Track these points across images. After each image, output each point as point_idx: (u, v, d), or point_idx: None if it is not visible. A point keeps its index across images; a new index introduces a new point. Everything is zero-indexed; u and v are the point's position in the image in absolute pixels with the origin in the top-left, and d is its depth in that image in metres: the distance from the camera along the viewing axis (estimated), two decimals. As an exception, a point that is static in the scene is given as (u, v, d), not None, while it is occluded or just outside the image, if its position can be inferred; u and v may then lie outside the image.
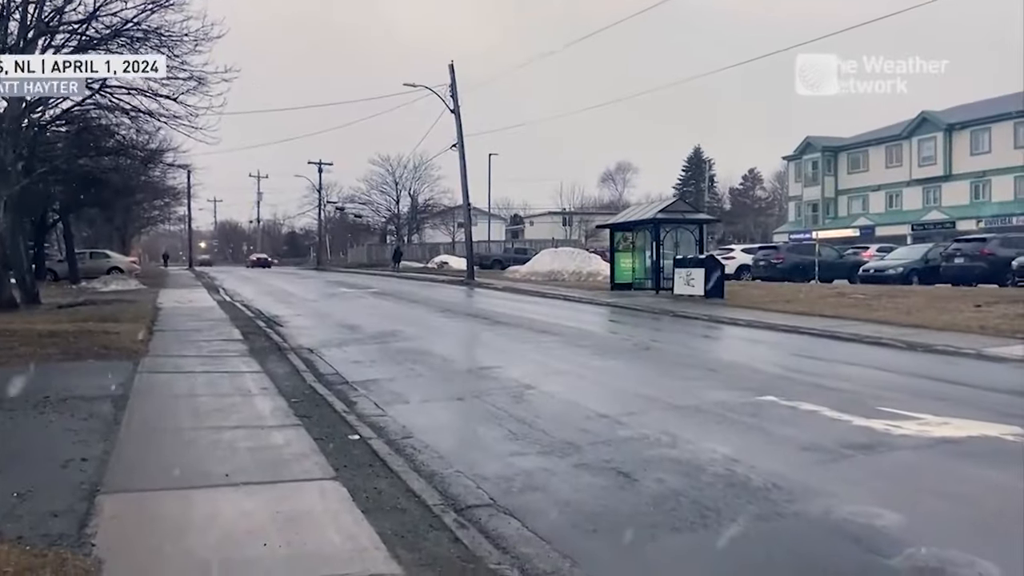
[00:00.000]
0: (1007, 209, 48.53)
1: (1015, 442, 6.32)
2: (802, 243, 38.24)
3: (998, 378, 9.51)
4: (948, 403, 7.93)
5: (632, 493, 5.34)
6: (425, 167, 72.67)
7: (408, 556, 4.09)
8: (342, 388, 9.32)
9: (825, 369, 10.54)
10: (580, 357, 11.87)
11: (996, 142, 50.36)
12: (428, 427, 7.39)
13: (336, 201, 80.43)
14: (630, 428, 7.09)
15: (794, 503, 5.03)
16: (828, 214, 61.96)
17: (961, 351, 11.35)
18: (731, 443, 6.49)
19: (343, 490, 5.18)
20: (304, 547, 4.19)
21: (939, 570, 3.98)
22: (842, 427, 6.94)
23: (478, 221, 60.32)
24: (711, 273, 21.57)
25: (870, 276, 27.10)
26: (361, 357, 11.94)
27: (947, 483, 5.43)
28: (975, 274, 23.94)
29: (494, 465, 6.05)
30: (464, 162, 36.42)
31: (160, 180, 42.89)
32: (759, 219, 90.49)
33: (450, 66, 35.83)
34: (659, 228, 24.43)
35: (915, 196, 55.85)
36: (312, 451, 6.17)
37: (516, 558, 4.23)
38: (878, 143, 58.84)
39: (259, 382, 9.36)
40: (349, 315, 19.26)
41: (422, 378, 10.16)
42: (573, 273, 33.54)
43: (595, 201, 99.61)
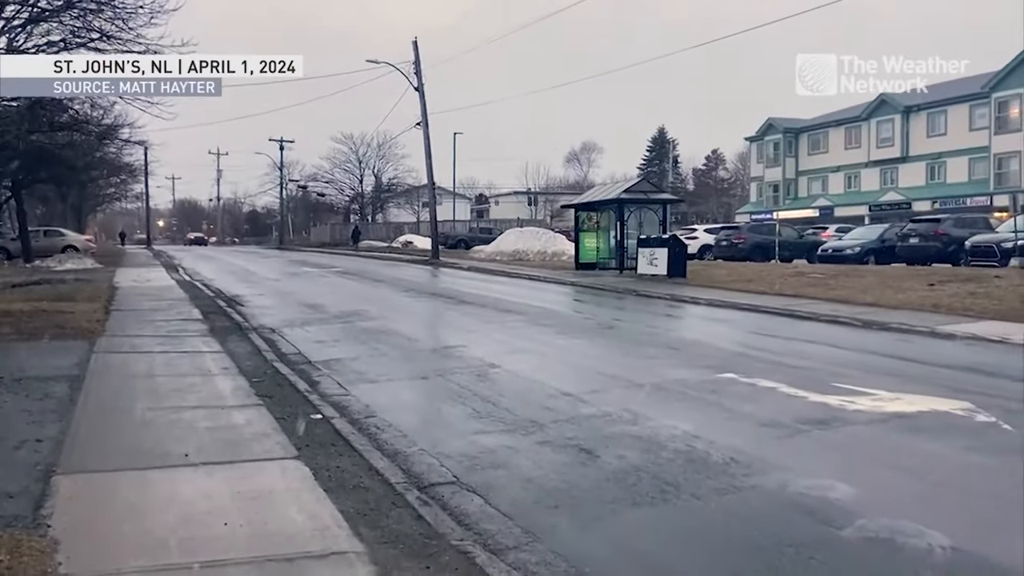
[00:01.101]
0: (961, 190, 49.69)
1: (964, 416, 6.51)
2: (763, 223, 38.74)
3: (949, 355, 9.77)
4: (901, 379, 8.14)
5: (594, 469, 5.40)
6: (389, 145, 72.00)
7: (370, 534, 4.10)
8: (305, 368, 9.26)
9: (784, 347, 10.73)
10: (544, 336, 11.93)
11: (952, 124, 51.41)
12: (392, 406, 7.38)
13: (298, 179, 79.30)
14: (593, 406, 7.15)
15: (751, 477, 5.14)
16: (789, 195, 62.83)
17: (914, 329, 11.63)
18: (691, 420, 6.59)
19: (305, 469, 5.16)
20: (265, 526, 4.18)
21: (889, 540, 4.11)
22: (799, 403, 7.09)
23: (443, 200, 60.18)
24: (674, 253, 21.74)
25: (828, 256, 27.58)
26: (324, 336, 11.86)
27: (898, 456, 5.58)
28: (929, 254, 24.46)
29: (458, 443, 6.07)
30: (428, 141, 36.15)
31: (116, 157, 41.87)
32: (722, 199, 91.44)
33: (414, 43, 35.44)
34: (623, 208, 24.54)
35: (873, 177, 56.85)
36: (274, 430, 6.13)
37: (479, 534, 4.27)
38: (838, 125, 59.67)
39: (219, 362, 9.25)
40: (312, 294, 19.08)
41: (386, 357, 10.13)
42: (538, 253, 33.58)
43: (560, 181, 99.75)
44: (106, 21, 16.97)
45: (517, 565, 3.84)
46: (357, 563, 3.75)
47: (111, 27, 17.03)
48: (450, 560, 3.80)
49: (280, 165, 71.78)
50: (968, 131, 49.95)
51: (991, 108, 47.80)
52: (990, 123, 47.96)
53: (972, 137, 49.51)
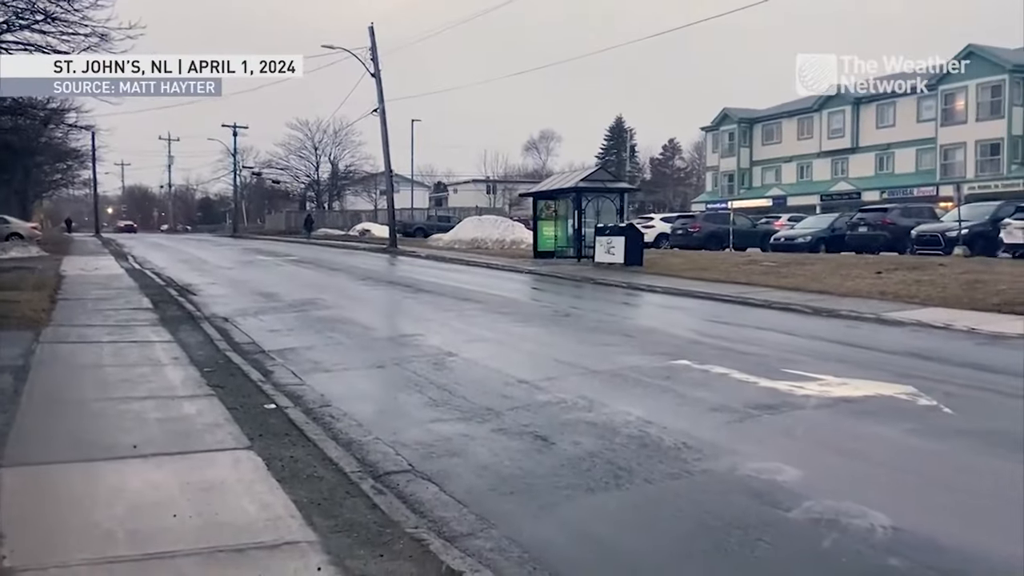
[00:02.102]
0: (908, 181, 50.96)
1: (907, 400, 6.71)
2: (718, 212, 39.26)
3: (895, 341, 10.05)
4: (848, 365, 8.35)
5: (549, 456, 5.44)
6: (346, 132, 71.21)
7: (324, 523, 4.08)
8: (258, 357, 9.14)
9: (736, 334, 10.91)
10: (502, 324, 11.96)
11: (900, 116, 52.62)
12: (347, 395, 7.34)
13: (253, 166, 77.97)
14: (549, 393, 7.20)
15: (703, 461, 5.23)
16: (743, 184, 63.77)
17: (862, 316, 11.93)
18: (645, 406, 6.68)
19: (258, 459, 5.11)
20: (216, 517, 4.13)
21: (833, 521, 4.22)
22: (750, 389, 7.23)
23: (401, 188, 59.63)
24: (631, 241, 21.94)
25: (781, 244, 28.11)
26: (279, 326, 11.72)
27: (844, 440, 5.73)
28: (878, 242, 25.09)
29: (413, 432, 6.06)
30: (386, 128, 35.81)
31: (62, 141, 40.79)
32: (678, 188, 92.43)
33: (370, 28, 35.01)
34: (581, 197, 24.65)
35: (824, 167, 57.98)
36: (226, 421, 6.05)
37: (433, 522, 4.28)
38: (791, 116, 60.66)
39: (170, 352, 9.08)
40: (266, 283, 18.82)
41: (342, 346, 10.05)
42: (497, 241, 33.59)
43: (519, 169, 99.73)
44: (51, 2, 16.47)
45: (471, 552, 3.87)
46: (310, 552, 3.73)
47: (56, 8, 16.56)
48: (404, 548, 3.81)
49: (234, 151, 70.47)
50: (915, 123, 51.18)
51: (937, 101, 49.02)
52: (936, 115, 49.21)
53: (919, 129, 50.76)
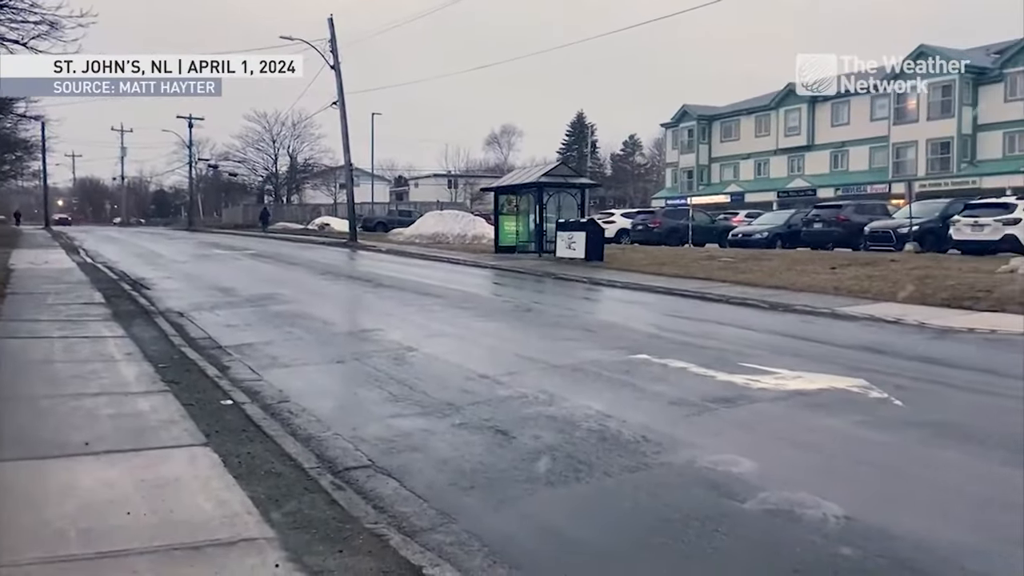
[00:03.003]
0: (862, 178, 52.10)
1: (859, 393, 6.86)
2: (678, 208, 39.65)
3: (848, 335, 10.26)
4: (803, 358, 8.51)
5: (509, 450, 5.46)
6: (304, 125, 70.41)
7: (282, 520, 4.04)
8: (215, 353, 9.00)
9: (695, 328, 11.05)
10: (463, 319, 11.94)
11: (854, 115, 53.73)
12: (306, 391, 7.26)
13: (209, 159, 76.68)
14: (509, 388, 7.22)
15: (661, 454, 5.29)
16: (702, 181, 64.53)
17: (817, 310, 12.17)
18: (605, 400, 6.73)
19: (214, 456, 5.03)
20: (171, 515, 4.06)
21: (788, 511, 4.30)
22: (708, 382, 7.32)
23: (361, 182, 59.15)
24: (592, 237, 22.08)
25: (738, 240, 28.51)
26: (236, 321, 11.55)
27: (798, 432, 5.85)
28: (832, 238, 25.58)
29: (373, 427, 6.03)
30: (345, 121, 35.48)
31: (11, 132, 39.56)
32: (639, 184, 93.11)
33: (329, 20, 34.65)
34: (543, 192, 24.70)
35: (781, 164, 58.96)
36: (181, 417, 5.95)
37: (393, 517, 4.26)
38: (748, 113, 61.56)
39: (123, 347, 8.90)
40: (223, 277, 18.52)
41: (301, 341, 9.94)
42: (458, 236, 33.50)
43: (480, 164, 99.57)
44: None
45: (431, 546, 3.86)
46: (268, 549, 3.69)
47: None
48: (364, 543, 3.79)
49: (189, 143, 69.08)
50: (869, 121, 52.32)
51: (890, 100, 50.11)
52: (889, 114, 50.34)
53: (873, 127, 51.91)
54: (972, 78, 46.62)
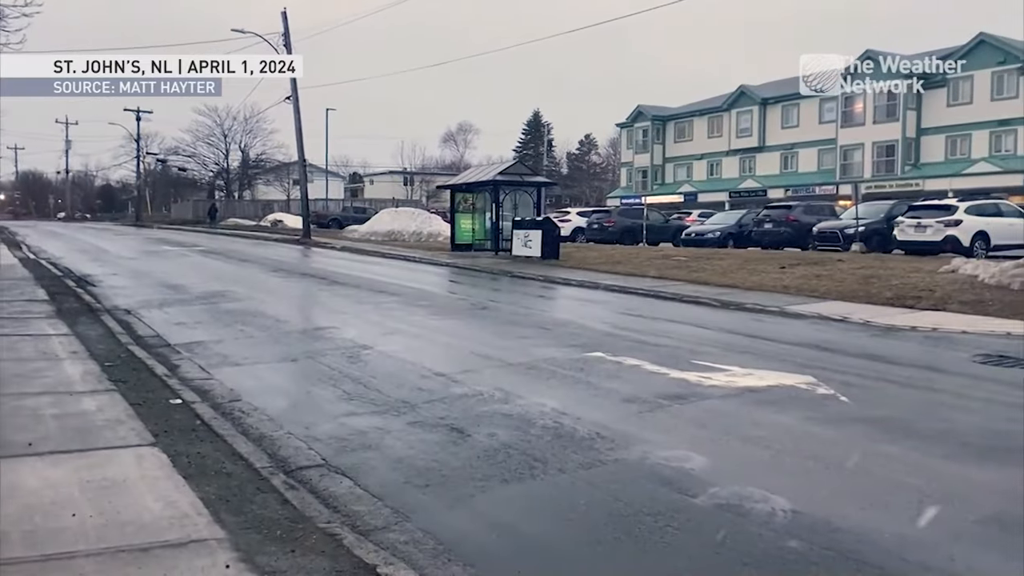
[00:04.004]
0: (811, 179, 53.23)
1: (807, 390, 7.03)
2: (632, 208, 40.03)
3: (797, 333, 10.49)
4: (753, 356, 8.68)
5: (465, 448, 5.46)
6: (257, 119, 69.12)
7: (233, 520, 3.98)
8: (163, 351, 8.83)
9: (649, 326, 11.18)
10: (418, 317, 11.89)
11: (803, 117, 54.89)
12: (258, 389, 7.17)
13: (157, 153, 74.75)
14: (465, 386, 7.22)
15: (615, 451, 5.35)
16: (656, 180, 65.24)
17: (767, 309, 12.41)
18: (560, 397, 6.78)
19: (163, 456, 4.94)
20: (118, 516, 3.97)
21: (737, 506, 4.39)
22: (661, 379, 7.43)
23: (315, 178, 58.42)
24: (548, 235, 22.20)
25: (692, 240, 28.91)
26: (185, 318, 11.33)
27: (748, 428, 5.96)
28: (782, 238, 26.09)
29: (327, 426, 5.98)
30: (299, 116, 35.03)
31: (-53, 123, 38.07)
32: (594, 183, 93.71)
33: (283, 13, 34.14)
34: (499, 190, 24.72)
35: (733, 165, 59.94)
36: (128, 417, 5.82)
37: (347, 516, 4.24)
38: (702, 114, 62.43)
39: (68, 345, 8.67)
40: (172, 274, 18.14)
41: (252, 339, 9.80)
42: (414, 233, 33.35)
43: (437, 161, 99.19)
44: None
45: (385, 545, 3.85)
46: (218, 550, 3.63)
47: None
48: (316, 542, 3.76)
49: (137, 137, 67.42)
50: (818, 124, 53.48)
51: (838, 103, 51.29)
52: (837, 117, 51.52)
53: (821, 130, 53.08)
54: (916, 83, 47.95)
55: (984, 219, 21.15)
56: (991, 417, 6.32)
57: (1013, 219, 22.27)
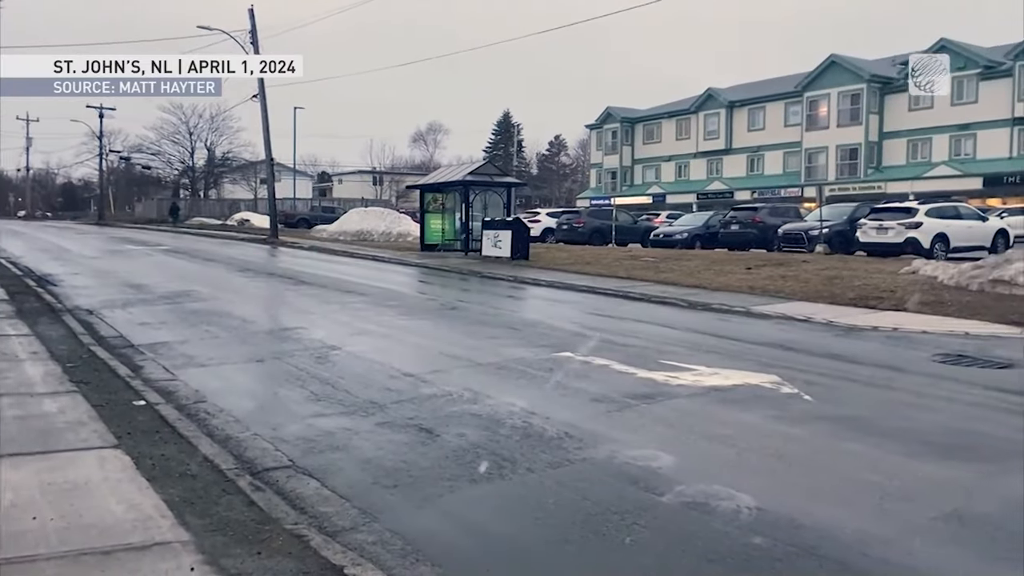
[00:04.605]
0: (776, 181, 53.97)
1: (771, 389, 7.13)
2: (602, 208, 40.19)
3: (762, 333, 10.63)
4: (719, 355, 8.78)
5: (433, 448, 5.46)
6: (223, 118, 68.30)
7: (197, 522, 3.94)
8: (126, 352, 8.69)
9: (617, 326, 11.25)
10: (387, 317, 11.84)
11: (769, 120, 55.66)
12: (224, 390, 7.10)
13: (121, 150, 73.37)
14: (434, 386, 7.21)
15: (583, 450, 5.38)
16: (625, 182, 65.67)
17: (733, 309, 12.56)
18: (529, 397, 6.80)
19: (126, 458, 4.86)
20: (80, 519, 3.91)
21: (704, 504, 4.45)
22: (629, 379, 7.48)
23: (283, 177, 57.89)
24: (518, 235, 22.22)
25: (660, 240, 29.13)
26: (149, 319, 11.16)
27: (714, 427, 6.03)
28: (748, 240, 26.40)
29: (294, 427, 5.94)
30: (266, 114, 34.64)
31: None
32: (564, 184, 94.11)
33: (250, 10, 33.76)
34: (468, 190, 24.70)
35: (701, 167, 60.55)
36: (90, 419, 5.73)
37: (314, 517, 4.21)
38: (670, 116, 62.99)
39: (28, 346, 8.50)
40: (135, 274, 17.85)
41: (218, 340, 9.69)
42: (383, 233, 33.18)
43: (406, 161, 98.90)
44: None
45: (353, 546, 3.83)
46: (183, 552, 3.59)
47: None
48: (283, 544, 3.73)
49: (99, 134, 66.10)
50: (783, 127, 54.27)
51: (803, 106, 52.13)
52: (802, 120, 52.33)
53: (786, 132, 53.86)
54: (879, 87, 48.90)
55: (944, 221, 21.60)
56: (950, 415, 6.47)
57: (971, 221, 22.80)
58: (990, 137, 44.39)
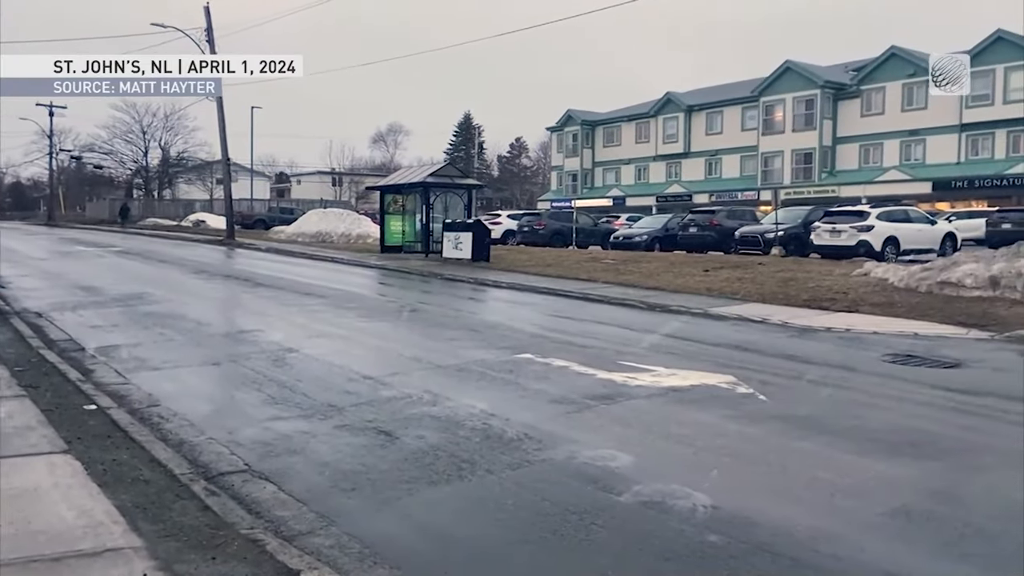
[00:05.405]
0: (734, 185, 54.77)
1: (727, 389, 7.25)
2: (562, 211, 40.41)
3: (719, 334, 10.79)
4: (677, 356, 8.89)
5: (392, 451, 5.43)
6: (178, 117, 67.20)
7: (150, 528, 3.87)
8: (77, 355, 8.50)
9: (577, 328, 11.32)
10: (346, 319, 11.75)
11: (727, 124, 56.49)
12: (178, 394, 6.98)
13: (72, 149, 71.61)
14: (394, 388, 7.18)
15: (543, 451, 5.41)
16: (586, 184, 66.08)
17: (691, 310, 12.72)
18: (489, 399, 6.81)
19: (76, 464, 4.76)
20: (29, 525, 3.82)
21: (660, 503, 4.50)
22: (588, 380, 7.54)
23: (239, 178, 57.11)
24: (479, 237, 22.22)
25: (620, 243, 29.37)
26: (101, 321, 10.92)
27: (672, 427, 6.11)
28: (706, 242, 26.75)
29: (250, 430, 5.86)
30: (223, 113, 34.13)
31: None
32: (525, 186, 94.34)
33: (205, 8, 33.29)
34: (429, 192, 24.62)
35: (660, 170, 61.18)
36: (39, 423, 5.59)
37: (271, 521, 4.17)
38: (629, 120, 63.55)
39: (-27, 350, 8.25)
40: (87, 276, 17.45)
41: (173, 343, 9.52)
42: (342, 235, 32.90)
43: (366, 162, 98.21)
44: None
45: (310, 549, 3.80)
46: (135, 559, 3.53)
47: None
48: (239, 549, 3.68)
49: (50, 133, 64.47)
50: (740, 131, 55.13)
51: (759, 111, 53.00)
52: (758, 125, 53.20)
53: (743, 137, 54.72)
54: (832, 93, 49.95)
55: (894, 225, 22.15)
56: (899, 414, 6.63)
57: (921, 225, 23.43)
58: (939, 143, 45.62)
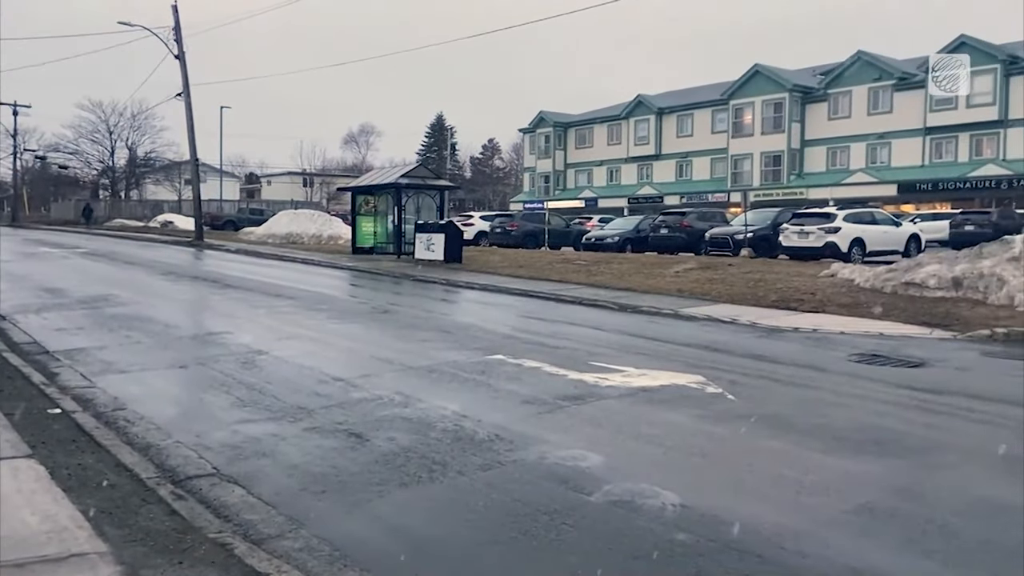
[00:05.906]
0: (704, 187, 55.32)
1: (697, 388, 7.32)
2: (535, 212, 40.51)
3: (689, 334, 10.89)
4: (648, 357, 8.96)
5: (363, 453, 5.41)
6: (145, 116, 66.27)
7: (116, 533, 3.82)
8: (41, 358, 8.35)
9: (549, 329, 11.36)
10: (316, 321, 11.68)
11: (697, 127, 57.03)
12: (145, 397, 6.88)
13: (36, 149, 70.27)
14: (364, 390, 7.15)
15: (514, 452, 5.42)
16: (558, 186, 66.30)
17: (662, 311, 12.82)
18: (461, 400, 6.81)
19: (40, 468, 4.68)
20: (-11, 533, 3.74)
21: (630, 502, 4.54)
22: (559, 381, 7.57)
23: (208, 178, 56.49)
24: (451, 238, 22.19)
25: (592, 244, 29.50)
26: (65, 324, 10.74)
27: (642, 427, 6.16)
28: (677, 243, 26.97)
29: (219, 434, 5.81)
30: (191, 113, 33.73)
31: None
32: (497, 188, 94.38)
33: (174, 7, 32.87)
34: (401, 193, 24.55)
35: (632, 172, 61.60)
36: (2, 427, 5.49)
37: (239, 525, 4.13)
38: (601, 122, 63.90)
39: (-68, 354, 8.07)
40: (51, 277, 17.14)
41: (140, 345, 9.39)
42: (313, 236, 32.66)
43: (338, 163, 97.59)
44: None
45: (279, 553, 3.78)
46: (100, 564, 3.48)
47: None
48: (206, 553, 3.65)
49: (14, 132, 63.10)
50: (711, 134, 55.70)
51: (729, 114, 53.59)
52: (728, 127, 53.79)
53: (714, 139, 55.30)
54: (800, 97, 50.64)
55: (860, 226, 22.51)
56: (864, 412, 6.74)
57: (886, 227, 23.83)
58: (904, 146, 46.46)
